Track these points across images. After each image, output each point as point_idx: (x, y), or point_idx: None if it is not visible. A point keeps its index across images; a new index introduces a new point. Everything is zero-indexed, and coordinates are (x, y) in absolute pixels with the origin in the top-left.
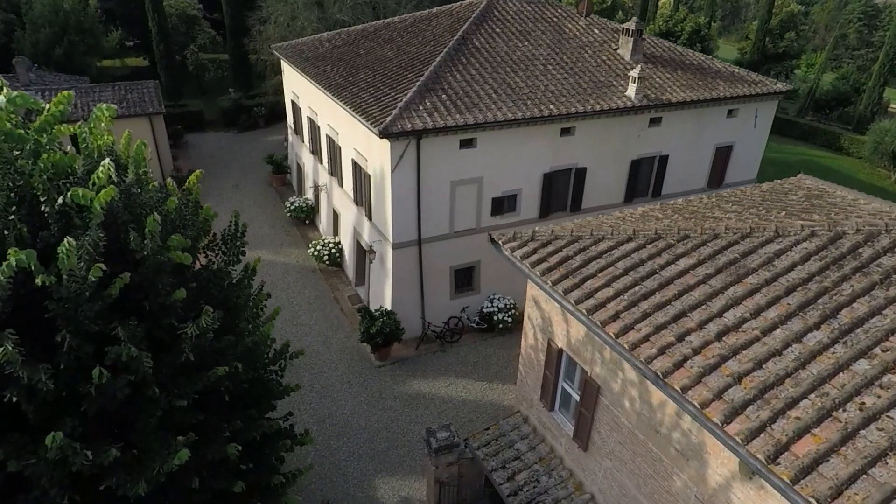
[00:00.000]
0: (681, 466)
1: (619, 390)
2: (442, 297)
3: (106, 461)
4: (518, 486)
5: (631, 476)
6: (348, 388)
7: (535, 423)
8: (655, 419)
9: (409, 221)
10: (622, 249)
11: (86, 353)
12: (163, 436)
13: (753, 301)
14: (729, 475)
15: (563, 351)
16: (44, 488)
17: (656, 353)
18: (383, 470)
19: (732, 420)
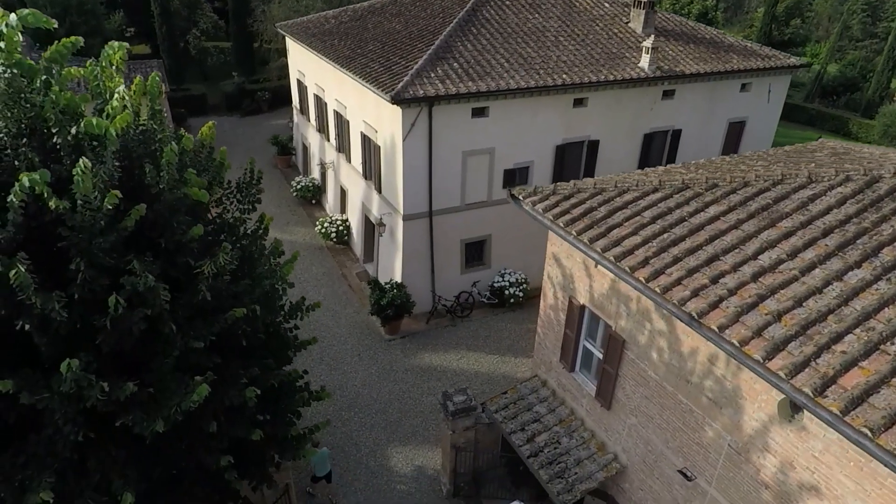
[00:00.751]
0: (713, 416)
1: (647, 342)
2: (452, 272)
3: (122, 396)
4: (538, 447)
5: (658, 431)
6: (358, 361)
7: (553, 386)
8: (686, 368)
9: (419, 192)
10: (648, 199)
11: (100, 286)
12: (179, 377)
13: (789, 243)
14: (766, 419)
15: (586, 307)
16: (57, 425)
17: (689, 294)
18: (396, 440)
19: (774, 356)
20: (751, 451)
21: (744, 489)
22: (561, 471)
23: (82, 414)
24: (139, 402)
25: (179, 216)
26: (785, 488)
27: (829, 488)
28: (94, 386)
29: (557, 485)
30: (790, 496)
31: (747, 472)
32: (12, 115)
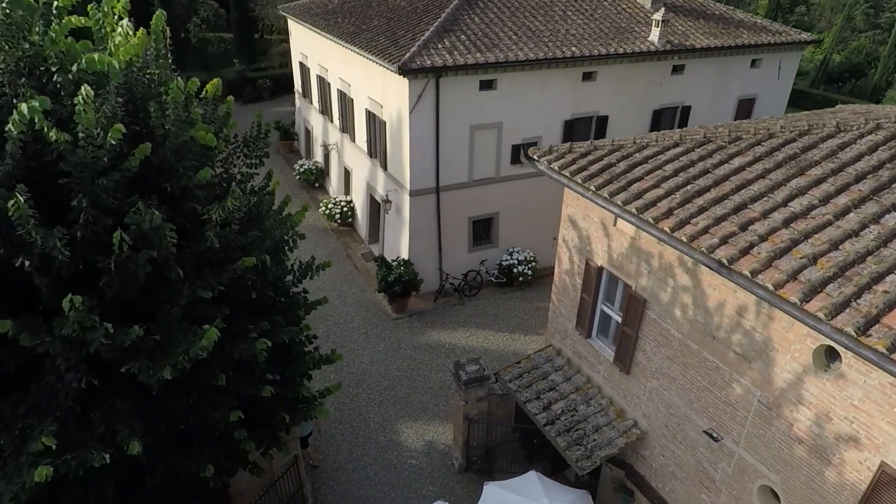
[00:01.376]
0: (741, 371)
1: (669, 300)
2: (460, 250)
3: (127, 341)
4: (555, 415)
5: (681, 392)
6: (365, 339)
7: (569, 354)
8: (712, 324)
9: (426, 167)
10: (669, 154)
11: (103, 227)
12: (186, 327)
13: (820, 190)
14: (800, 370)
15: (604, 269)
16: (58, 372)
17: (718, 242)
18: (405, 415)
19: (812, 298)
20: (783, 405)
21: (775, 446)
22: (579, 438)
23: (85, 361)
24: (145, 350)
25: (186, 161)
26: (820, 441)
27: (870, 437)
28: (97, 328)
29: (576, 452)
30: (826, 449)
31: (779, 428)
32: (10, 48)
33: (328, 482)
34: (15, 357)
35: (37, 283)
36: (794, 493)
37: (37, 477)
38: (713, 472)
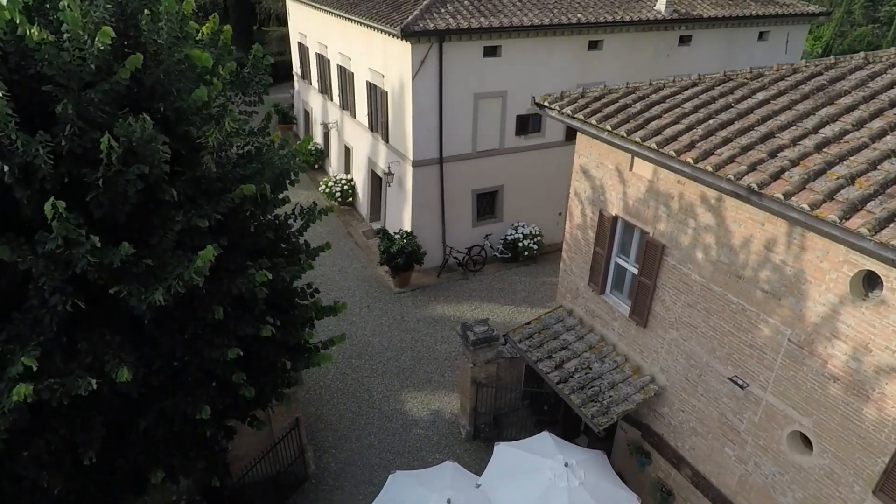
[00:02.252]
0: (770, 310)
1: (690, 243)
2: (463, 224)
3: (116, 260)
4: (568, 373)
5: (703, 341)
6: (368, 312)
7: (581, 314)
8: (737, 263)
9: (429, 137)
10: (688, 93)
11: (91, 140)
12: (180, 255)
13: (853, 116)
14: (836, 301)
15: (618, 218)
16: (42, 295)
17: (746, 169)
18: (410, 386)
19: (852, 215)
20: (816, 342)
21: (806, 387)
22: (594, 394)
23: (70, 283)
24: (135, 275)
25: (180, 83)
26: (858, 377)
27: None
28: (83, 243)
29: (591, 408)
30: (864, 385)
31: (811, 367)
32: None
33: (330, 450)
34: None
35: (18, 197)
36: (827, 435)
37: (14, 395)
38: (738, 422)
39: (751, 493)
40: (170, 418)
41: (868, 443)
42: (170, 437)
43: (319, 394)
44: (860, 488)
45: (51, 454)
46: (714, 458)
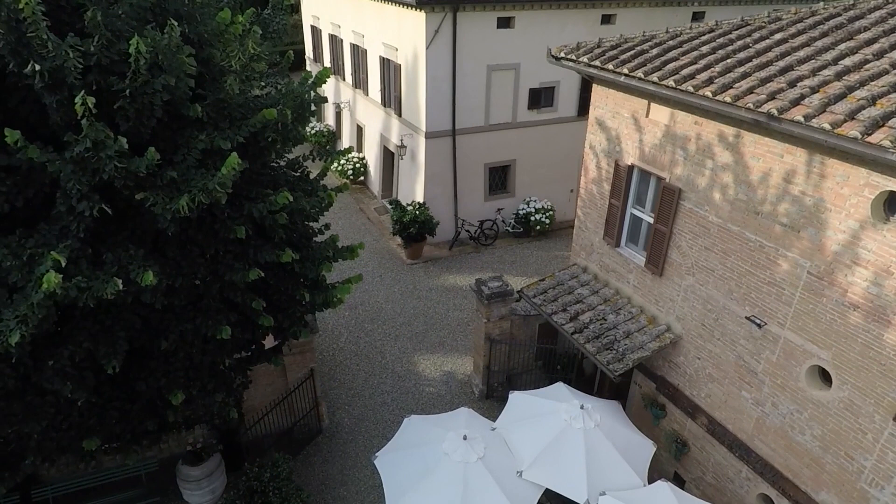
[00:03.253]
0: (788, 244)
1: (707, 184)
2: (475, 198)
3: (142, 167)
4: (583, 324)
5: (720, 283)
6: (380, 281)
7: (595, 270)
8: (755, 199)
9: (442, 109)
10: (705, 38)
11: (118, 53)
12: (203, 173)
13: (873, 49)
14: (857, 227)
15: (634, 167)
16: (69, 203)
17: (766, 98)
18: (422, 349)
19: (874, 131)
20: (836, 271)
21: (826, 319)
22: (609, 343)
23: (97, 190)
24: (161, 187)
25: (203, 7)
26: (879, 301)
27: None
28: (110, 145)
29: (607, 355)
30: (885, 310)
31: (831, 298)
32: None
33: (344, 407)
34: (23, 190)
35: (47, 103)
36: (847, 367)
37: (45, 284)
38: (755, 364)
39: (768, 435)
40: (190, 342)
41: (889, 369)
42: (189, 366)
43: (332, 355)
44: (880, 417)
45: (74, 367)
46: (730, 403)
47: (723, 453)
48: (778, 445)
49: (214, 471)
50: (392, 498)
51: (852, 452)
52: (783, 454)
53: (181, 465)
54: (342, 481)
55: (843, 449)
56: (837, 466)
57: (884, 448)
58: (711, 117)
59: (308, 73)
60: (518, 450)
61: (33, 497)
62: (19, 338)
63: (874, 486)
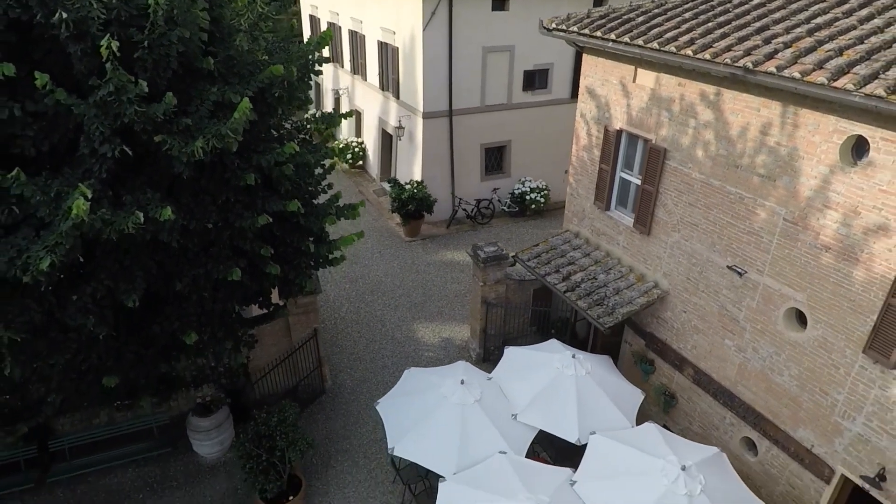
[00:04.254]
0: (766, 193)
1: (691, 142)
2: (472, 178)
3: (159, 112)
4: (575, 283)
5: (703, 237)
6: (379, 258)
7: (587, 234)
8: (735, 153)
9: (439, 88)
10: (687, 6)
11: (136, 7)
12: (215, 122)
13: (842, 9)
14: (827, 171)
15: (623, 131)
16: (92, 145)
17: (742, 54)
18: (421, 318)
19: (839, 77)
20: (809, 216)
21: (800, 262)
22: (600, 299)
23: (119, 134)
24: (177, 133)
25: None
26: (848, 241)
27: None
28: (131, 90)
29: (597, 310)
30: (854, 249)
31: (805, 242)
32: None
33: (346, 370)
34: (49, 135)
35: (71, 52)
36: (820, 306)
37: (74, 210)
38: (737, 311)
39: (749, 379)
40: (202, 286)
41: (857, 305)
42: (201, 312)
43: (334, 324)
44: (851, 351)
45: (95, 304)
46: (715, 352)
47: (708, 402)
48: (759, 388)
49: (223, 422)
50: (393, 438)
51: (826, 388)
52: (764, 396)
53: (191, 416)
54: (345, 436)
55: (818, 385)
56: (813, 403)
57: (854, 380)
58: (694, 77)
59: (311, 39)
60: (512, 396)
61: (50, 447)
62: (49, 264)
63: (846, 418)
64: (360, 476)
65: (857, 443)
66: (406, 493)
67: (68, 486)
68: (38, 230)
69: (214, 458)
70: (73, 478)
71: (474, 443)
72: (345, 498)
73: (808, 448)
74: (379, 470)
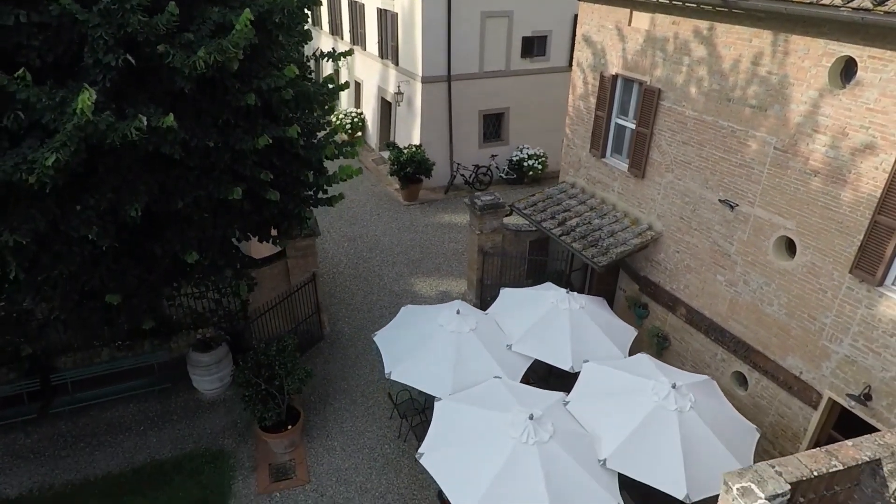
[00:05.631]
0: (757, 124)
1: (684, 80)
2: (470, 145)
3: (161, 22)
4: (570, 227)
5: (696, 174)
6: (378, 219)
7: (582, 184)
8: (727, 86)
9: (438, 53)
10: None
11: None
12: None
13: None
14: (816, 95)
15: (618, 77)
16: (96, 55)
17: None
18: (419, 273)
19: None
20: (798, 142)
21: (790, 190)
22: (595, 241)
23: (122, 45)
24: (179, 46)
25: None
26: (836, 163)
27: (885, 137)
28: None
29: (592, 251)
30: (842, 171)
31: (795, 169)
32: None
33: (344, 319)
34: (54, 46)
35: None
36: (809, 231)
37: (80, 104)
38: (728, 246)
39: (740, 313)
40: (203, 207)
41: (845, 226)
42: (202, 238)
43: (333, 278)
44: (838, 273)
45: (98, 216)
46: (707, 289)
47: (700, 340)
48: (749, 321)
49: (223, 359)
50: (390, 364)
51: (814, 313)
52: (754, 328)
53: (191, 351)
54: (343, 377)
55: (806, 311)
56: (802, 329)
57: (841, 303)
58: (688, 14)
59: None
60: (507, 328)
61: (52, 381)
62: (54, 160)
63: (833, 340)
64: (358, 412)
65: (843, 364)
66: (403, 425)
67: (70, 419)
68: (42, 141)
69: (214, 395)
70: (74, 410)
71: (469, 368)
72: (343, 432)
73: (796, 375)
74: (376, 407)
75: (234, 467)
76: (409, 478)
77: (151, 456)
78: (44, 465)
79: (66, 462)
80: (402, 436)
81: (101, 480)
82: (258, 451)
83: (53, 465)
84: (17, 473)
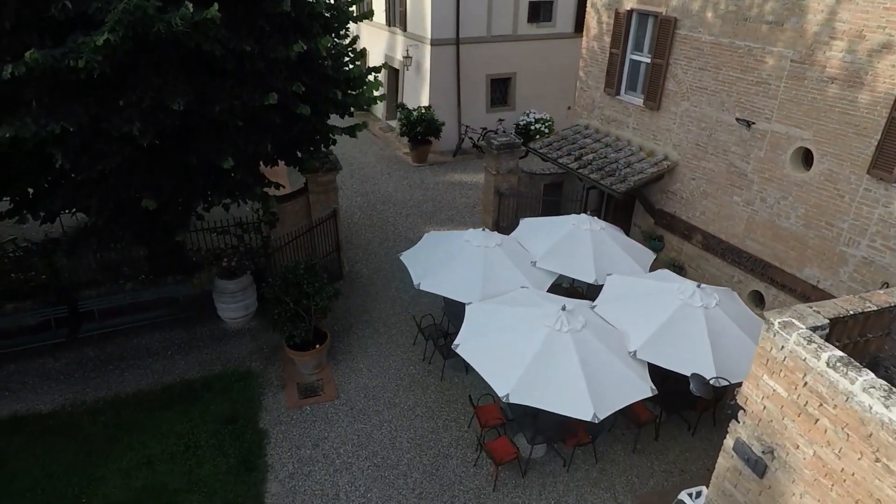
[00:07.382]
0: (774, 39)
1: (701, 5)
2: (478, 109)
3: None
4: (587, 161)
5: (712, 98)
6: (388, 178)
7: (596, 125)
8: (744, 5)
9: (447, 16)
10: None
11: None
12: None
13: None
14: (833, 2)
15: (633, 11)
16: None
17: None
18: (432, 223)
19: None
20: (815, 52)
21: (807, 101)
22: (612, 171)
23: None
24: None
25: None
26: (853, 67)
27: None
28: None
29: (609, 179)
30: (858, 74)
31: (812, 78)
32: None
33: (362, 261)
34: None
35: None
36: (826, 139)
37: None
38: (745, 165)
39: (757, 231)
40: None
41: (862, 128)
42: (235, 152)
43: (348, 227)
44: (856, 176)
45: (140, 113)
46: (723, 212)
47: (717, 265)
48: (766, 238)
49: (247, 287)
50: (418, 276)
51: (832, 220)
52: (771, 245)
53: (217, 279)
54: (364, 310)
55: (823, 219)
56: (819, 238)
57: (859, 205)
58: None
59: None
60: (531, 248)
61: (80, 308)
62: (104, 40)
63: (851, 244)
64: (381, 340)
65: (861, 267)
66: (428, 346)
67: (97, 345)
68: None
69: (239, 324)
70: (101, 336)
71: (497, 279)
72: (368, 356)
73: (813, 285)
74: (399, 335)
75: (263, 385)
76: (437, 393)
77: (180, 376)
78: (74, 384)
79: (96, 382)
80: (427, 358)
81: (133, 397)
82: (285, 371)
83: (84, 385)
84: (49, 391)
